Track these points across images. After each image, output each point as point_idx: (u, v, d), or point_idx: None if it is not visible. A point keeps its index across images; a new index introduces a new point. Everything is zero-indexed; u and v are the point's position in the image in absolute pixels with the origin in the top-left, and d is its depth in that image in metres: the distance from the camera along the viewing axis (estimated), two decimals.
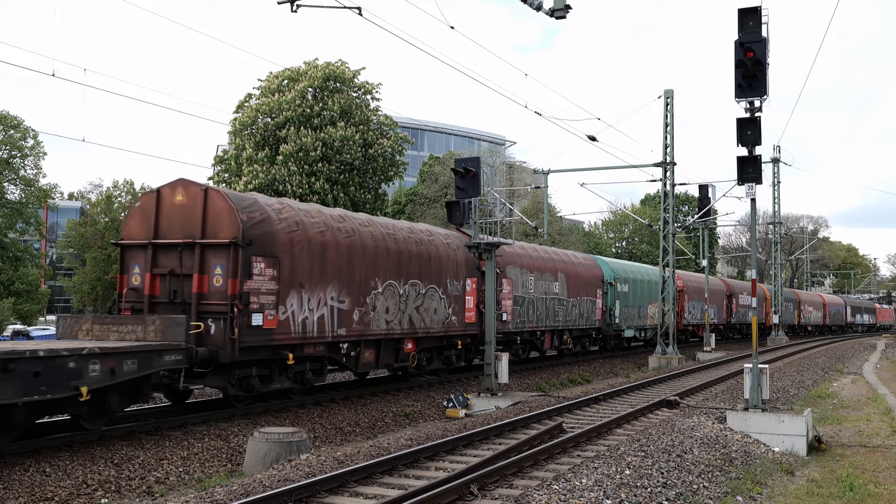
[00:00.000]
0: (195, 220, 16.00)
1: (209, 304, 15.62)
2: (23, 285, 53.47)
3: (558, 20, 13.76)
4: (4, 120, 54.72)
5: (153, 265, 16.26)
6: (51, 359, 11.52)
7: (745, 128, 14.78)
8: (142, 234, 16.58)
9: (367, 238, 19.16)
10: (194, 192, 16.25)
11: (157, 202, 16.58)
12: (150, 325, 14.31)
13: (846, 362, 36.66)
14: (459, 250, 22.94)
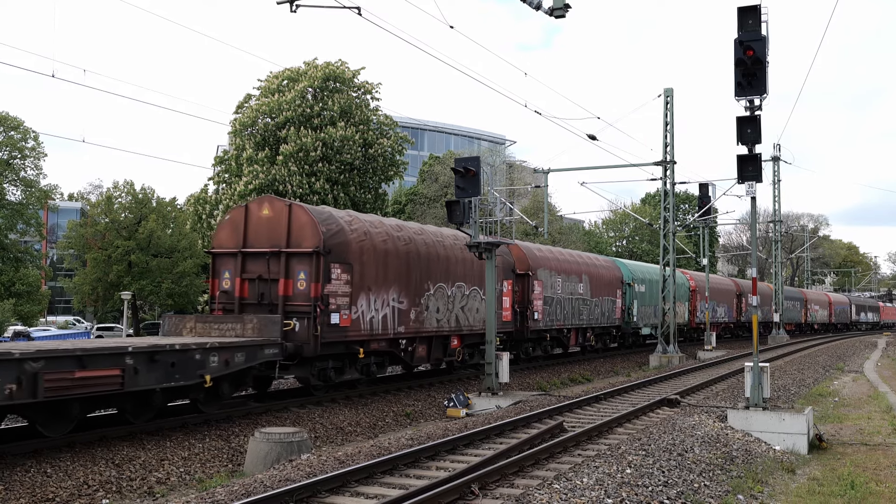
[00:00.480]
0: (280, 232, 18.29)
1: (294, 305, 17.78)
2: (23, 286, 53.40)
3: (558, 19, 13.76)
4: (4, 121, 54.68)
5: (242, 271, 18.56)
6: (183, 351, 13.94)
7: (745, 126, 14.78)
8: (231, 243, 18.93)
9: (420, 245, 21.32)
10: (279, 206, 18.62)
11: (245, 216, 18.92)
12: (248, 324, 16.57)
13: (847, 360, 36.65)
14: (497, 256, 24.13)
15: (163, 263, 59.60)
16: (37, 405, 12.07)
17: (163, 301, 62.59)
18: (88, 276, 60.32)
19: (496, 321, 23.12)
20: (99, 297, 61.84)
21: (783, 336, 52.45)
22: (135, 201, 61.10)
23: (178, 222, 61.27)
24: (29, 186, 56.19)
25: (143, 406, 14.30)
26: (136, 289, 57.30)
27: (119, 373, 12.72)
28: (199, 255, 56.40)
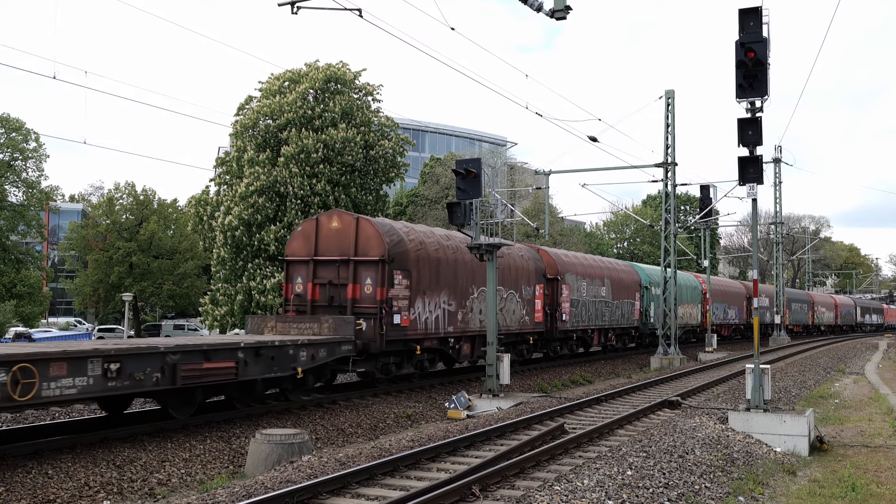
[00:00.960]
0: (349, 242, 20.59)
1: (362, 307, 20.08)
2: (25, 288, 53.45)
3: (559, 21, 13.76)
4: (6, 122, 54.75)
5: (314, 276, 20.92)
6: (280, 347, 16.31)
7: (747, 128, 14.78)
8: (304, 252, 21.27)
9: (465, 253, 22.79)
10: (347, 219, 20.95)
11: (316, 228, 21.29)
12: (325, 323, 18.75)
13: (848, 362, 36.63)
14: (530, 261, 27.76)
15: (164, 265, 59.72)
16: (172, 391, 14.34)
17: (164, 302, 62.74)
18: (89, 278, 60.43)
19: (523, 322, 26.80)
20: (100, 299, 61.95)
21: (784, 338, 52.43)
22: (136, 203, 61.23)
23: (180, 224, 61.37)
24: (30, 188, 56.25)
25: (248, 394, 16.70)
26: (138, 290, 57.39)
27: (234, 365, 15.06)
28: (199, 257, 56.47)
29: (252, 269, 39.41)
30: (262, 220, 38.99)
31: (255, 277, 39.01)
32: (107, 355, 12.36)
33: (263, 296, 38.27)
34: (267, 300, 37.94)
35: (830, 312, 75.99)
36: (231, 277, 40.37)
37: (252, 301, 39.00)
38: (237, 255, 39.88)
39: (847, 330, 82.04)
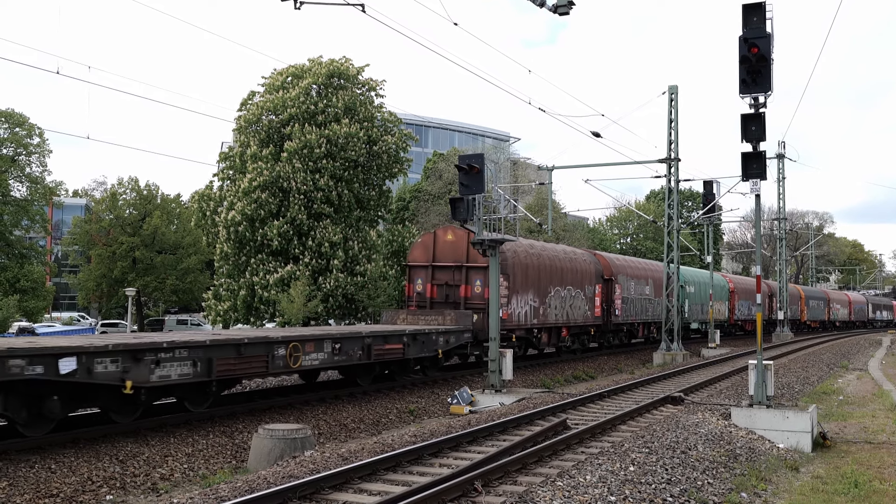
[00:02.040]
0: (462, 251, 25.64)
1: (473, 304, 25.09)
2: (28, 282, 53.50)
3: (562, 16, 13.72)
4: (10, 117, 54.76)
5: (432, 278, 26.16)
6: (429, 333, 21.63)
7: (750, 124, 14.75)
8: (423, 258, 26.62)
9: (545, 259, 28.63)
10: (460, 233, 25.62)
11: (433, 239, 26.57)
12: (447, 316, 23.75)
13: (851, 358, 36.59)
14: (591, 265, 32.64)
15: (167, 260, 59.78)
16: (363, 366, 19.51)
17: (167, 297, 62.81)
18: (93, 273, 60.48)
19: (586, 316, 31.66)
20: (103, 294, 62.01)
21: (787, 334, 52.39)
22: (139, 198, 61.26)
23: (183, 219, 61.41)
24: (34, 183, 56.28)
25: (405, 370, 22.03)
26: (141, 285, 57.45)
27: (402, 346, 20.19)
28: (202, 252, 56.50)
29: (255, 264, 39.42)
30: (265, 215, 38.99)
31: (259, 273, 39.02)
32: (334, 338, 17.59)
33: (266, 291, 38.28)
34: (270, 295, 37.94)
35: (845, 309, 79.49)
36: (234, 272, 40.39)
37: (255, 296, 39.02)
38: (240, 251, 39.89)
39: (859, 325, 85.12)
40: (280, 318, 37.87)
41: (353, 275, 40.04)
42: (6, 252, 54.16)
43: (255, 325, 39.18)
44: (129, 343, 13.08)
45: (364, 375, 20.20)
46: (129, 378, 12.70)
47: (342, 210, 41.06)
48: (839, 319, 77.70)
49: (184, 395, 15.10)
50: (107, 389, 12.91)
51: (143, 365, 13.00)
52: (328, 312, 39.88)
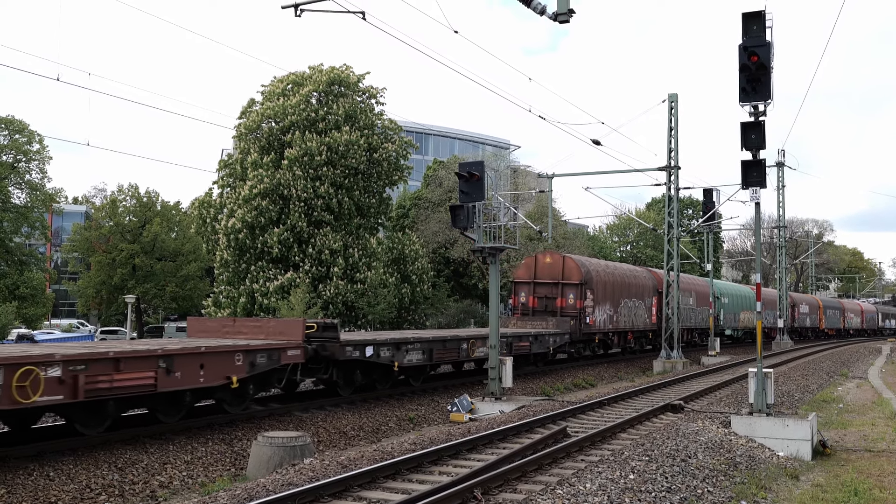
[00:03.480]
0: (558, 271, 33.04)
1: (567, 312, 32.12)
2: (28, 289, 53.51)
3: (562, 24, 13.75)
4: (10, 124, 54.84)
5: (534, 292, 33.28)
6: (544, 334, 28.85)
7: (750, 132, 14.76)
8: (526, 276, 33.79)
9: (617, 276, 35.82)
10: (557, 257, 33.97)
11: (535, 261, 34.01)
12: (550, 321, 30.99)
13: (851, 366, 36.55)
14: (649, 280, 39.69)
15: (167, 267, 59.75)
16: None
17: (167, 304, 62.77)
18: (93, 280, 60.46)
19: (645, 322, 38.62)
20: (103, 301, 61.98)
21: (787, 342, 52.37)
22: (139, 205, 61.29)
23: (183, 226, 61.43)
24: (34, 189, 56.34)
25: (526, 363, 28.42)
26: (140, 292, 57.43)
27: (528, 344, 27.16)
28: (202, 259, 56.50)
29: (255, 271, 39.43)
30: (265, 222, 39.02)
31: (259, 280, 39.03)
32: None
33: (266, 298, 38.28)
34: (270, 303, 37.94)
35: (857, 318, 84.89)
36: (234, 280, 40.40)
37: (255, 303, 39.02)
38: (240, 258, 39.91)
39: (870, 333, 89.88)
40: None
41: (353, 282, 40.05)
42: (6, 259, 54.17)
43: None
44: (396, 338, 20.56)
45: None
46: (395, 360, 20.15)
47: (342, 217, 41.10)
48: (853, 327, 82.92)
49: (412, 374, 22.14)
50: (382, 367, 20.43)
51: (401, 352, 20.43)
52: None
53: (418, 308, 46.88)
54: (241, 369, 15.21)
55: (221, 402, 15.86)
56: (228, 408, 15.99)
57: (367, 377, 20.38)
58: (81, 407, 12.72)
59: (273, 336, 17.41)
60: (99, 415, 13.26)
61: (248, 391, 16.22)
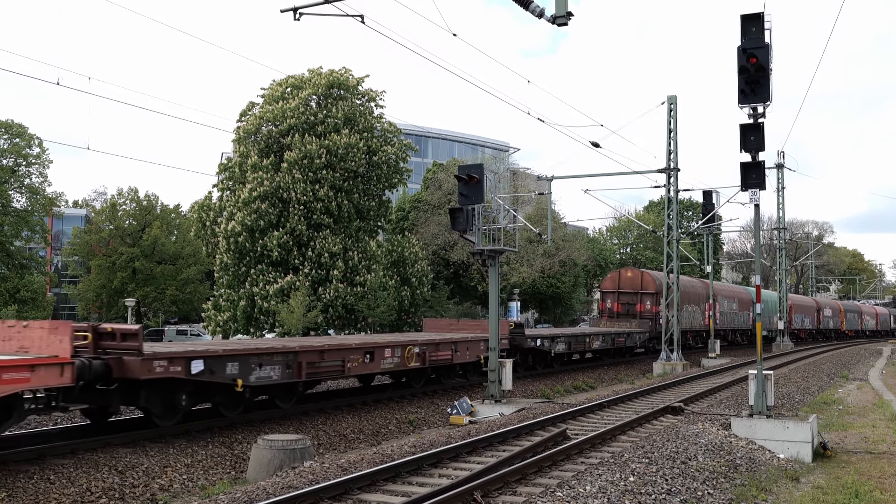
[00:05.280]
0: (637, 282, 40.75)
1: (644, 315, 39.55)
2: (28, 293, 53.50)
3: (560, 27, 13.76)
4: (10, 128, 54.84)
5: (618, 300, 40.95)
6: (632, 332, 38.31)
7: (749, 134, 14.78)
8: (611, 287, 41.81)
9: (682, 287, 38.98)
10: (636, 272, 42.45)
11: (619, 275, 42.04)
12: (633, 323, 39.00)
13: (852, 368, 36.53)
14: (702, 288, 45.84)
15: (167, 270, 59.79)
16: (606, 350, 35.73)
17: (167, 308, 62.81)
18: (93, 283, 60.50)
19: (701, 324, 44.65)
20: (103, 304, 61.99)
21: (788, 343, 52.38)
22: (139, 208, 61.35)
23: (182, 229, 61.47)
24: (34, 193, 56.31)
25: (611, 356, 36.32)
26: (140, 295, 57.47)
27: (624, 339, 35.98)
28: (202, 263, 56.54)
29: (255, 274, 39.41)
30: (265, 225, 39.01)
31: (258, 283, 39.00)
32: (602, 334, 33.62)
33: (266, 301, 38.25)
34: (269, 306, 37.92)
35: (872, 320, 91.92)
36: (234, 283, 40.38)
37: (255, 307, 39.00)
38: (240, 261, 39.89)
39: (884, 334, 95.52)
40: (280, 329, 37.84)
41: (352, 285, 40.04)
42: (6, 262, 54.14)
43: (255, 335, 39.17)
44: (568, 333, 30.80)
45: (606, 356, 36.23)
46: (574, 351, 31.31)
47: (342, 220, 41.09)
48: (869, 329, 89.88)
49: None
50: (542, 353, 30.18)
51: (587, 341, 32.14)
52: (328, 323, 39.86)
53: (418, 310, 46.85)
54: (482, 351, 23.83)
55: (466, 374, 25.40)
56: (470, 377, 25.38)
57: (541, 359, 30.52)
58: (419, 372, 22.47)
59: (485, 331, 23.75)
60: (422, 374, 22.97)
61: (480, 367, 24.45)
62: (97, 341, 13.61)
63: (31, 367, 11.60)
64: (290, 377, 16.73)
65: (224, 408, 16.05)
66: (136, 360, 13.25)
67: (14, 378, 11.26)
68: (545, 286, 61.20)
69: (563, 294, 64.79)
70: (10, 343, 12.94)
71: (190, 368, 14.26)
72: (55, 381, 11.94)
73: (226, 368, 15.00)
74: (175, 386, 14.49)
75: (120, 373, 13.30)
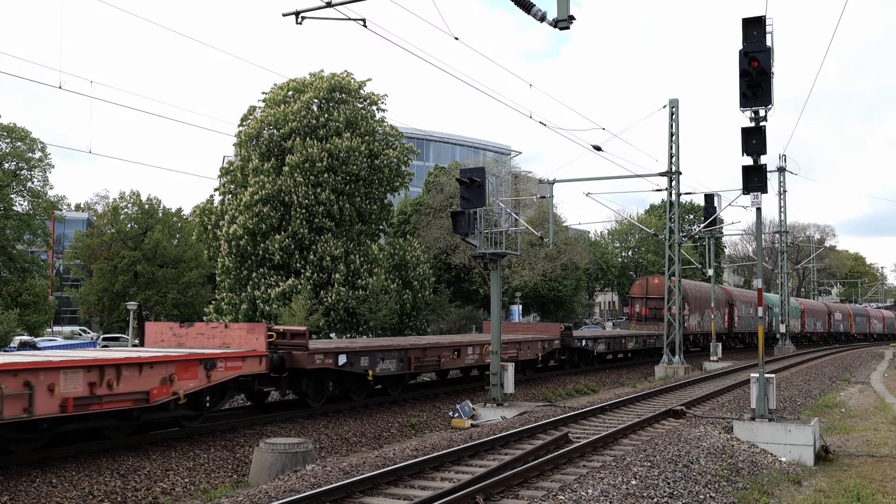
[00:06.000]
0: (663, 288, 38.26)
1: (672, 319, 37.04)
2: (30, 296, 53.51)
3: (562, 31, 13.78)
4: (12, 132, 54.88)
5: (646, 304, 44.63)
6: (660, 335, 37.57)
7: (750, 137, 14.77)
8: (640, 293, 45.74)
9: (703, 292, 46.10)
10: (662, 278, 41.20)
11: (647, 282, 46.07)
12: (660, 326, 38.20)
13: (854, 371, 36.48)
14: (722, 295, 49.56)
15: (168, 274, 59.75)
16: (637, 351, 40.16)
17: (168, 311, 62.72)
18: (94, 287, 60.45)
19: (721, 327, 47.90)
20: (105, 308, 61.95)
21: (789, 347, 52.37)
22: (141, 212, 61.32)
23: (184, 233, 61.43)
24: (36, 197, 56.33)
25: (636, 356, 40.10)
26: (142, 299, 57.42)
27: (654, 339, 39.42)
28: (204, 266, 56.53)
29: (256, 278, 39.43)
30: (266, 229, 39.04)
31: (260, 286, 39.02)
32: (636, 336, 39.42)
33: (268, 305, 38.26)
34: (271, 309, 37.92)
35: (880, 323, 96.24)
36: (236, 286, 40.40)
37: (256, 310, 39.00)
38: (242, 265, 39.92)
39: (891, 337, 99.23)
40: None
41: (354, 288, 40.04)
42: (8, 266, 54.16)
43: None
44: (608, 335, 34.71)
45: (637, 356, 39.68)
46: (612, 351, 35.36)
47: (343, 224, 41.11)
48: (876, 332, 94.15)
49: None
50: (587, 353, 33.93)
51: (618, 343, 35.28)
52: (329, 326, 39.87)
53: (420, 314, 46.86)
54: (540, 350, 28.40)
55: (525, 369, 28.30)
56: (529, 373, 28.83)
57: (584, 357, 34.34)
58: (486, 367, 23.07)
59: (541, 333, 30.29)
60: None
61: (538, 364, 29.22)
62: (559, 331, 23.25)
63: (242, 358, 15.58)
64: (403, 369, 20.55)
65: (354, 394, 19.99)
66: (304, 354, 17.17)
67: (233, 366, 15.26)
68: (547, 289, 61.25)
69: (565, 297, 64.83)
70: (214, 340, 16.81)
71: (337, 361, 18.20)
72: (257, 369, 16.00)
73: (360, 361, 18.94)
74: (325, 375, 18.53)
75: (291, 364, 17.15)
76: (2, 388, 10.56)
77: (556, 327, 31.69)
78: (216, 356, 14.84)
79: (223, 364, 14.89)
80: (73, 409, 11.60)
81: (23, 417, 10.97)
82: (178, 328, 17.83)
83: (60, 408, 11.43)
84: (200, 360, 14.34)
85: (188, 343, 17.14)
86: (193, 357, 14.29)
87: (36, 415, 11.10)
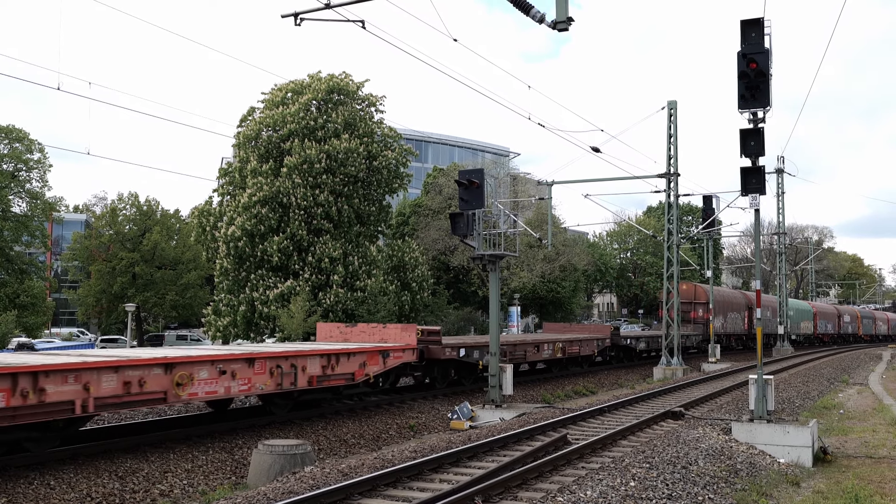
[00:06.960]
0: (691, 294, 46.39)
1: (697, 321, 45.84)
2: (28, 298, 53.43)
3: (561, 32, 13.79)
4: (10, 133, 54.84)
5: None
6: (691, 335, 43.97)
7: (749, 139, 14.78)
8: None
9: (725, 296, 50.32)
10: (690, 285, 47.56)
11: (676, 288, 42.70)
12: (689, 327, 44.16)
13: (852, 373, 36.50)
14: (741, 298, 54.08)
15: (167, 275, 59.74)
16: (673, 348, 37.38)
17: (167, 313, 62.73)
18: (93, 288, 60.42)
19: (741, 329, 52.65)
20: (103, 309, 61.94)
21: (788, 348, 52.40)
22: (139, 213, 61.31)
23: (183, 234, 61.41)
24: (34, 198, 56.28)
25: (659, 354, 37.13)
26: (141, 300, 57.39)
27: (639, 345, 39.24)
28: (202, 268, 56.49)
29: (255, 279, 39.40)
30: (265, 230, 39.01)
31: (258, 288, 38.99)
32: None
33: (266, 306, 38.23)
34: (270, 311, 37.90)
35: (885, 325, 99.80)
36: (234, 288, 40.36)
37: (255, 312, 38.98)
38: (240, 266, 39.88)
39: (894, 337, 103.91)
40: (280, 334, 37.82)
41: (353, 290, 40.02)
42: (6, 268, 54.10)
43: (255, 340, 39.16)
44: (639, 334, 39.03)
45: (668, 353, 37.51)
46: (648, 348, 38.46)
47: (342, 225, 41.09)
48: (881, 333, 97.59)
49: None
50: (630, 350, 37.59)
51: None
52: None
53: (418, 315, 46.85)
54: (595, 347, 32.65)
55: (583, 363, 33.58)
56: (586, 365, 33.72)
57: (627, 354, 38.61)
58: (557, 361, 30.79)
59: (595, 333, 34.85)
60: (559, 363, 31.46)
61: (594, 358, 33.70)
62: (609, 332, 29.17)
63: (403, 350, 20.34)
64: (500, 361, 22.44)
65: (465, 380, 24.95)
66: (439, 347, 22.08)
67: (398, 356, 20.14)
68: (545, 291, 61.24)
69: (564, 299, 64.82)
70: (374, 336, 21.56)
71: (459, 353, 22.79)
72: (412, 359, 20.95)
73: (474, 354, 23.29)
74: (449, 364, 23.56)
75: (428, 355, 21.96)
76: (281, 367, 15.73)
77: (608, 328, 37.04)
78: (390, 348, 19.70)
79: (393, 354, 19.77)
80: (316, 383, 16.79)
81: (288, 389, 16.23)
82: (343, 327, 22.97)
83: (307, 382, 16.53)
84: (380, 352, 19.25)
85: (352, 339, 21.84)
86: (377, 349, 19.20)
87: (296, 387, 16.35)
